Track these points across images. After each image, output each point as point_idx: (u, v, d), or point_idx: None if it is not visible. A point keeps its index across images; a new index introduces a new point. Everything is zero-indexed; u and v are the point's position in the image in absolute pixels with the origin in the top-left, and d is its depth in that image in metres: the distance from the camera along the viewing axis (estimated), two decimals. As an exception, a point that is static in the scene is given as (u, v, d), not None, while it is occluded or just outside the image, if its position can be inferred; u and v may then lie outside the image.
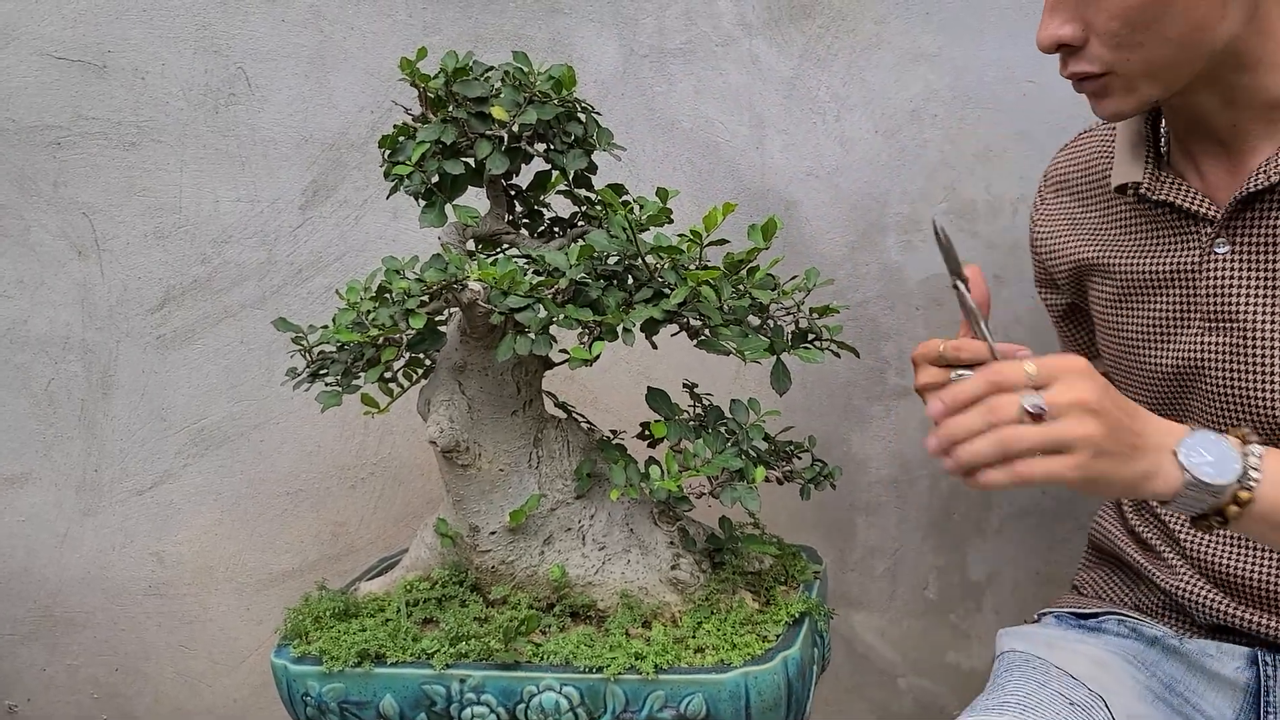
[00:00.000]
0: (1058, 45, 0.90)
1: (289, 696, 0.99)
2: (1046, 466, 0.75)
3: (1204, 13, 0.86)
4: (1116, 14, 0.86)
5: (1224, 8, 0.86)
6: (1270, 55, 0.90)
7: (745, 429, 0.99)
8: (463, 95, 0.96)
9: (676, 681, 0.89)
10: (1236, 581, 1.00)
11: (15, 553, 1.48)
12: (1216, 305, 0.96)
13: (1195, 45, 0.87)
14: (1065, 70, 0.92)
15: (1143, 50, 0.87)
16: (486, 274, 0.89)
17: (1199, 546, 1.03)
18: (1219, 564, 1.01)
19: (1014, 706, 0.91)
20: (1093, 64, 0.89)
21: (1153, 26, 0.86)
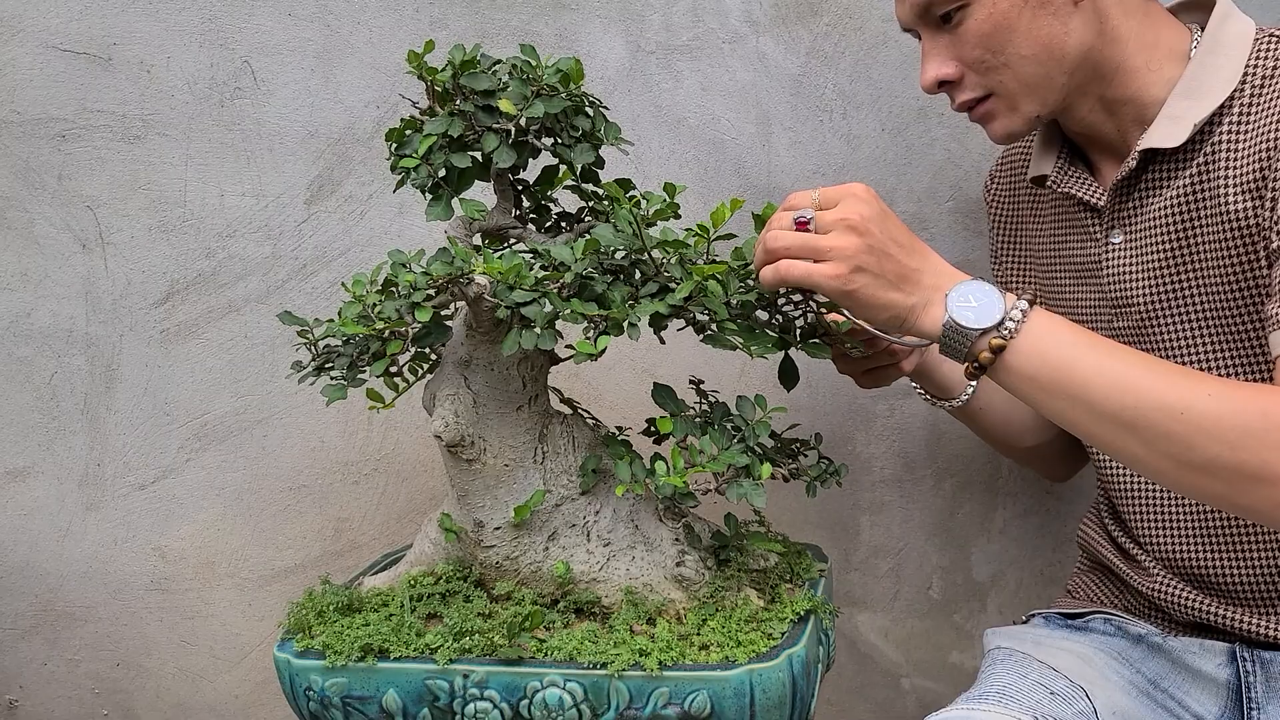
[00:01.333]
0: (939, 84, 1.01)
1: (292, 691, 0.99)
2: (806, 269, 0.86)
3: (1049, 29, 0.96)
4: (976, 42, 0.97)
5: (1066, 24, 0.96)
6: (1127, 60, 0.98)
7: (751, 425, 0.98)
8: (470, 88, 0.96)
9: (681, 678, 0.89)
10: (1209, 580, 1.03)
11: (17, 547, 1.47)
12: (1117, 291, 1.03)
13: (1053, 59, 0.97)
14: (954, 104, 1.02)
15: (1009, 70, 0.97)
16: (492, 268, 0.89)
17: (1171, 549, 1.05)
18: (1191, 564, 1.04)
19: (995, 695, 0.93)
20: (973, 90, 1.00)
21: (1009, 48, 0.96)
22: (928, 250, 0.89)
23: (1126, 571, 1.09)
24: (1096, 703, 0.97)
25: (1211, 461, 0.79)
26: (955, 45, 0.99)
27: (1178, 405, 0.80)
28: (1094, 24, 0.97)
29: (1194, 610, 1.02)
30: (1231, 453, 0.79)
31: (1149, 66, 0.99)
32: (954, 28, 0.98)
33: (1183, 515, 1.04)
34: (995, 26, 0.96)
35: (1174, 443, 0.80)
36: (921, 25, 1.01)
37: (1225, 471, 0.80)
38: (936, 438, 1.43)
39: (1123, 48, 0.98)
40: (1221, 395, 0.80)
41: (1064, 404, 0.84)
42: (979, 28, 0.97)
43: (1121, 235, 1.03)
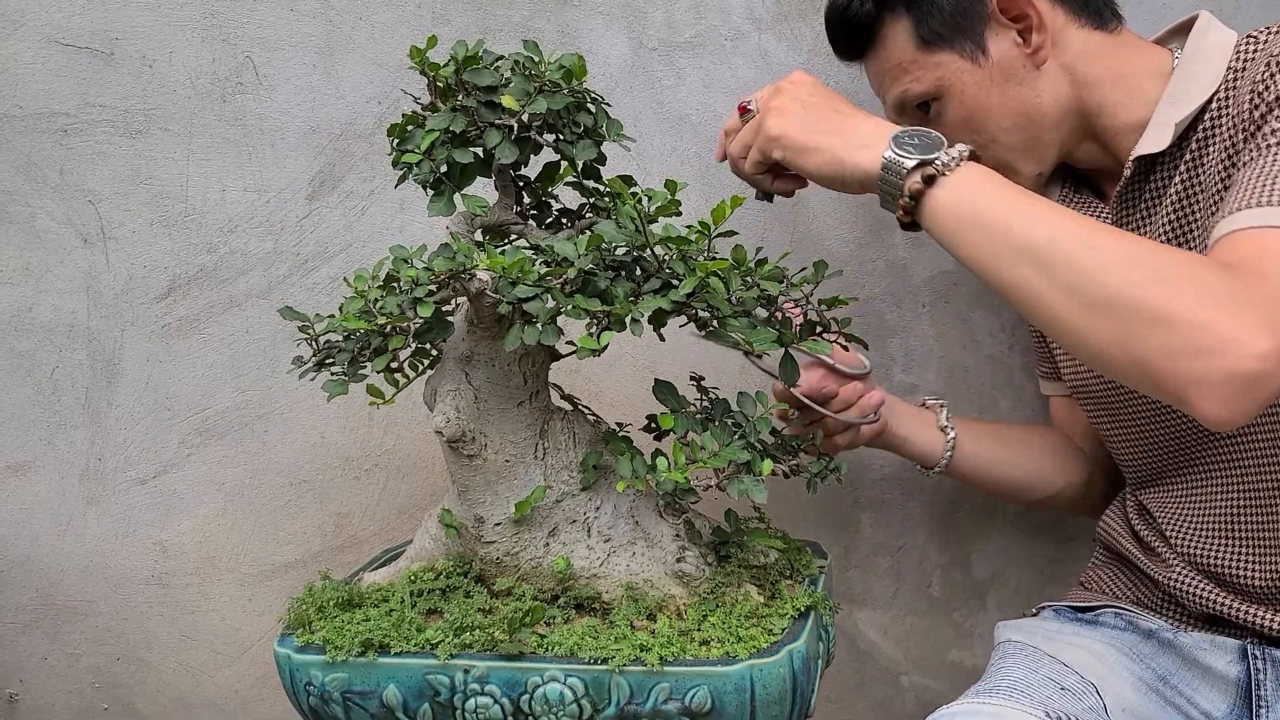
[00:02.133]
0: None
1: (292, 686, 0.99)
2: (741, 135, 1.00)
3: (1020, 99, 1.01)
4: (958, 128, 1.02)
5: (1035, 87, 1.01)
6: (1107, 97, 1.02)
7: (753, 421, 0.99)
8: (472, 84, 0.96)
9: (681, 673, 0.89)
10: (1230, 578, 1.03)
11: (18, 541, 1.48)
12: None
13: (1034, 123, 1.02)
14: None
15: (997, 144, 1.02)
16: (495, 263, 0.89)
17: (1197, 547, 1.06)
18: (1215, 562, 1.04)
19: (1005, 690, 0.93)
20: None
21: (989, 126, 1.02)
22: (871, 115, 0.94)
23: (1144, 562, 1.10)
24: (1106, 699, 0.98)
25: (1114, 297, 0.78)
26: (942, 130, 1.01)
27: (1092, 240, 0.79)
28: (1063, 78, 1.02)
29: (1209, 602, 1.03)
30: (1137, 289, 0.77)
31: (1130, 95, 1.02)
32: (936, 118, 1.03)
33: (1218, 518, 1.04)
34: (970, 111, 1.01)
35: (1082, 274, 0.79)
36: (906, 119, 1.06)
37: (1126, 310, 0.78)
38: (937, 435, 1.43)
39: (1099, 89, 1.02)
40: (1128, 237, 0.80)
41: (980, 238, 0.84)
42: (956, 115, 1.02)
43: None
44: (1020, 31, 1.01)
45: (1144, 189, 1.03)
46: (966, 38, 1.01)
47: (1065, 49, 1.02)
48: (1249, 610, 1.01)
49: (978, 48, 1.01)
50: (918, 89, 1.04)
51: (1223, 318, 0.75)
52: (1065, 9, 1.03)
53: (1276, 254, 0.79)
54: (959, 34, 1.01)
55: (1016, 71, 1.01)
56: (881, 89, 1.09)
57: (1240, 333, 0.75)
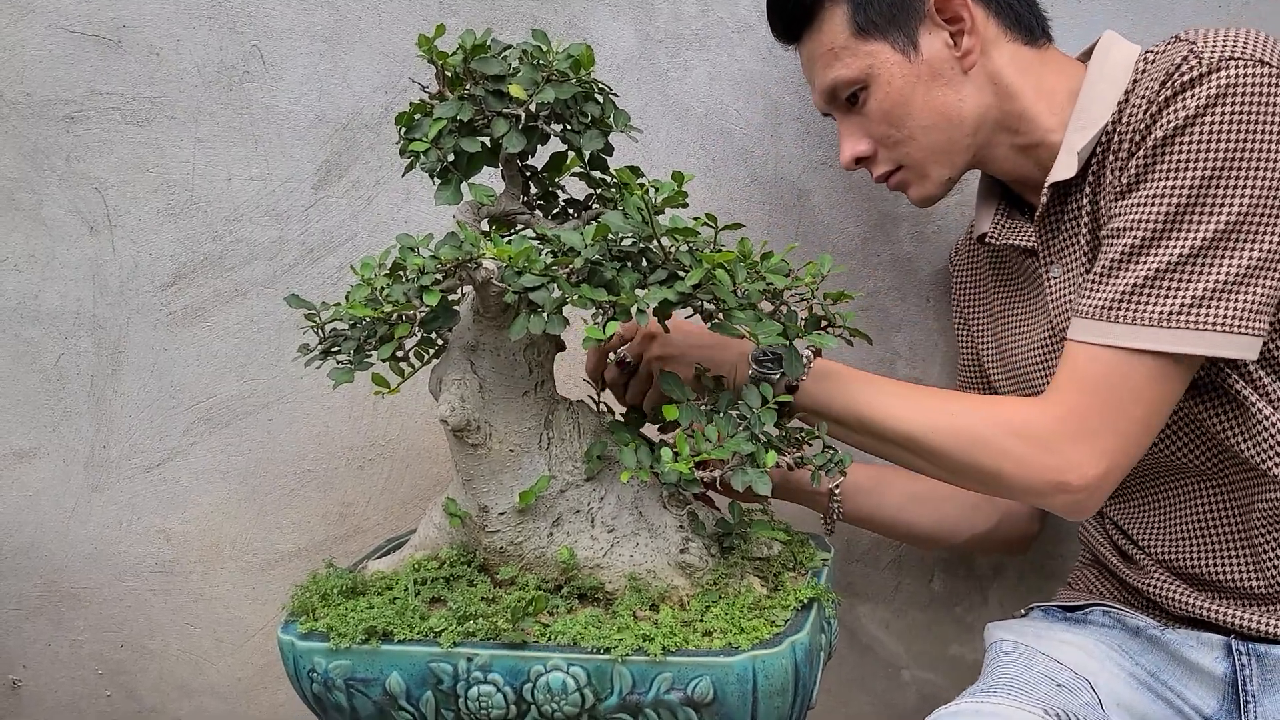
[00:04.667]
0: (856, 160, 1.11)
1: (295, 672, 0.99)
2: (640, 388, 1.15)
3: (943, 100, 1.04)
4: (879, 119, 1.06)
5: (960, 91, 1.04)
6: (1028, 109, 1.05)
7: (757, 413, 0.99)
8: (480, 73, 0.96)
9: (684, 664, 0.89)
10: (1207, 579, 1.04)
11: (22, 527, 1.48)
12: (1063, 322, 1.07)
13: (953, 125, 1.05)
14: (874, 178, 1.12)
15: (914, 141, 1.06)
16: (502, 252, 0.89)
17: (1170, 551, 1.07)
18: (1190, 565, 1.05)
19: (1004, 688, 0.94)
20: (885, 164, 1.10)
21: (910, 121, 1.05)
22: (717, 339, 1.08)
23: (1122, 570, 1.10)
24: (1101, 694, 0.98)
25: (961, 466, 0.96)
26: (864, 124, 1.08)
27: (929, 425, 0.97)
28: (987, 87, 1.04)
29: (1190, 606, 1.03)
30: (970, 458, 0.95)
31: (1050, 111, 1.04)
32: (860, 108, 1.07)
33: (1183, 520, 1.05)
34: (894, 103, 1.04)
35: (934, 455, 0.97)
36: (833, 109, 1.11)
37: (972, 474, 0.96)
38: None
39: (1021, 100, 1.05)
40: (959, 411, 0.96)
41: (852, 432, 1.02)
42: (879, 106, 1.05)
43: (1060, 269, 1.07)
44: (952, 34, 1.04)
45: (1062, 214, 1.06)
46: (900, 30, 1.04)
47: (993, 58, 1.05)
48: (1230, 611, 1.02)
49: (910, 43, 1.04)
50: (847, 75, 1.06)
51: (1050, 465, 0.92)
52: (998, 21, 1.06)
53: (1099, 378, 0.92)
54: (893, 26, 1.04)
55: (944, 72, 1.03)
56: (813, 74, 1.12)
57: (1064, 474, 0.91)
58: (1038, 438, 0.92)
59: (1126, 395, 0.91)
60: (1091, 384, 0.92)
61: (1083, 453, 0.91)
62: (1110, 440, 0.91)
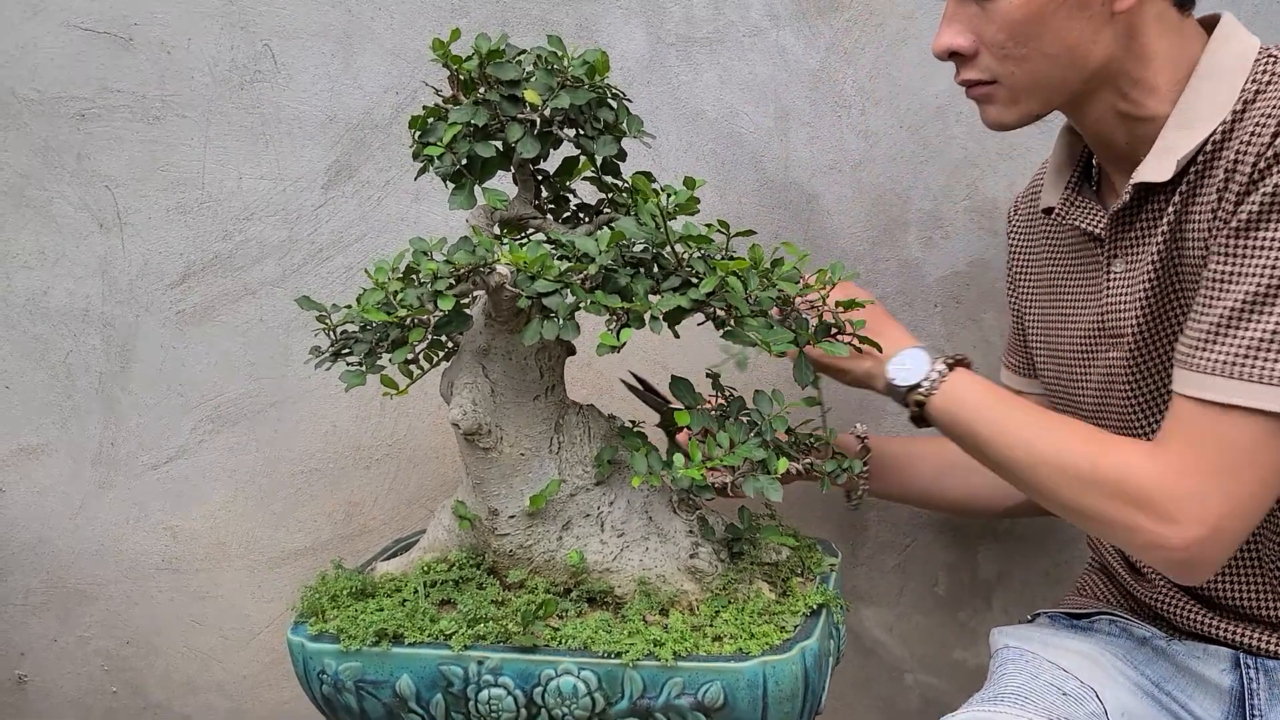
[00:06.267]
0: (950, 54, 0.99)
1: (305, 674, 1.00)
2: None
3: (1079, 34, 0.93)
4: (1003, 27, 0.94)
5: (1097, 31, 0.93)
6: (1149, 79, 0.96)
7: (768, 420, 0.99)
8: (495, 78, 0.96)
9: (695, 669, 0.90)
10: (1214, 597, 1.03)
11: (30, 524, 1.48)
12: (1112, 321, 1.03)
13: (1073, 63, 0.95)
14: (958, 77, 1.00)
15: (1026, 64, 0.95)
16: (517, 258, 0.89)
17: None
18: None
19: (1010, 697, 0.94)
20: (982, 73, 0.97)
21: (1033, 42, 0.94)
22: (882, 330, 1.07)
23: (1129, 581, 1.10)
24: (1106, 703, 0.98)
25: (1067, 504, 0.94)
26: (980, 20, 0.95)
27: (1043, 457, 0.94)
28: (1124, 39, 0.95)
29: (1196, 622, 1.03)
30: (1081, 501, 0.92)
31: (1168, 86, 0.97)
32: (985, 2, 0.95)
33: None
34: (1027, 16, 0.93)
35: (1045, 487, 0.95)
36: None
37: (1081, 516, 0.94)
38: (946, 435, 1.43)
39: (1148, 66, 0.96)
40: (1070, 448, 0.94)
41: (971, 450, 1.01)
42: (1010, 13, 0.93)
43: (1123, 265, 1.02)
44: None
45: (1139, 215, 1.00)
46: None
47: (1144, 11, 0.94)
48: (1238, 629, 1.01)
49: None
50: None
51: (1150, 521, 0.88)
52: None
53: (1210, 437, 0.87)
54: None
55: (1092, 5, 0.93)
56: None
57: (1167, 532, 0.87)
58: (1139, 491, 0.88)
59: (1240, 457, 0.85)
60: (1200, 441, 0.87)
61: (1186, 513, 0.86)
62: (1218, 503, 0.86)
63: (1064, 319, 1.12)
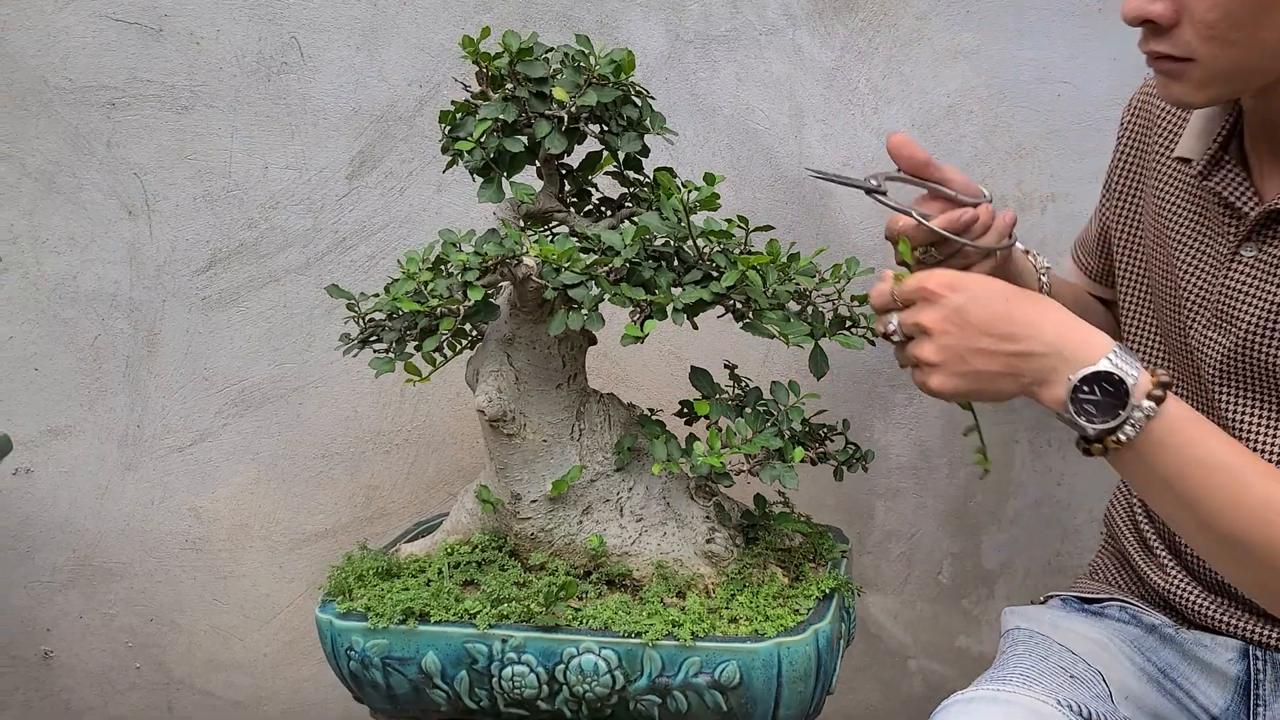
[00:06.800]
0: (1144, 20, 0.85)
1: (332, 650, 1.03)
2: (918, 378, 0.87)
3: None
4: (1217, 5, 0.81)
5: None
6: None
7: (785, 410, 1.02)
8: (524, 75, 0.99)
9: (712, 649, 0.93)
10: (1222, 584, 1.03)
11: (57, 503, 1.51)
12: (1225, 303, 0.95)
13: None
14: (1146, 46, 0.87)
15: (1233, 49, 0.82)
16: (546, 250, 0.93)
17: (1192, 551, 1.05)
18: (1209, 569, 1.04)
19: (1018, 677, 0.95)
20: (1178, 48, 0.84)
21: (1249, 26, 0.81)
22: (1035, 319, 0.83)
23: (1143, 564, 1.11)
24: (1111, 686, 1.00)
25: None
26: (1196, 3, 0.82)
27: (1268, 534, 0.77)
28: None
29: (1206, 615, 1.04)
30: None
31: None
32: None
33: None
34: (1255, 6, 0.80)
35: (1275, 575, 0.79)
36: None
37: None
38: (952, 427, 1.47)
39: None
40: None
41: (1170, 506, 0.82)
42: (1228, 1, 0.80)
43: (1255, 250, 0.93)
44: None
45: None
46: None
47: None
48: (1246, 622, 1.01)
49: None
50: None
51: None
52: None
53: None
54: None
55: None
56: None
57: None
58: None
59: None
60: None
61: None
62: None
63: (1167, 276, 1.04)
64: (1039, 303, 0.85)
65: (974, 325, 0.84)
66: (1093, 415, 0.80)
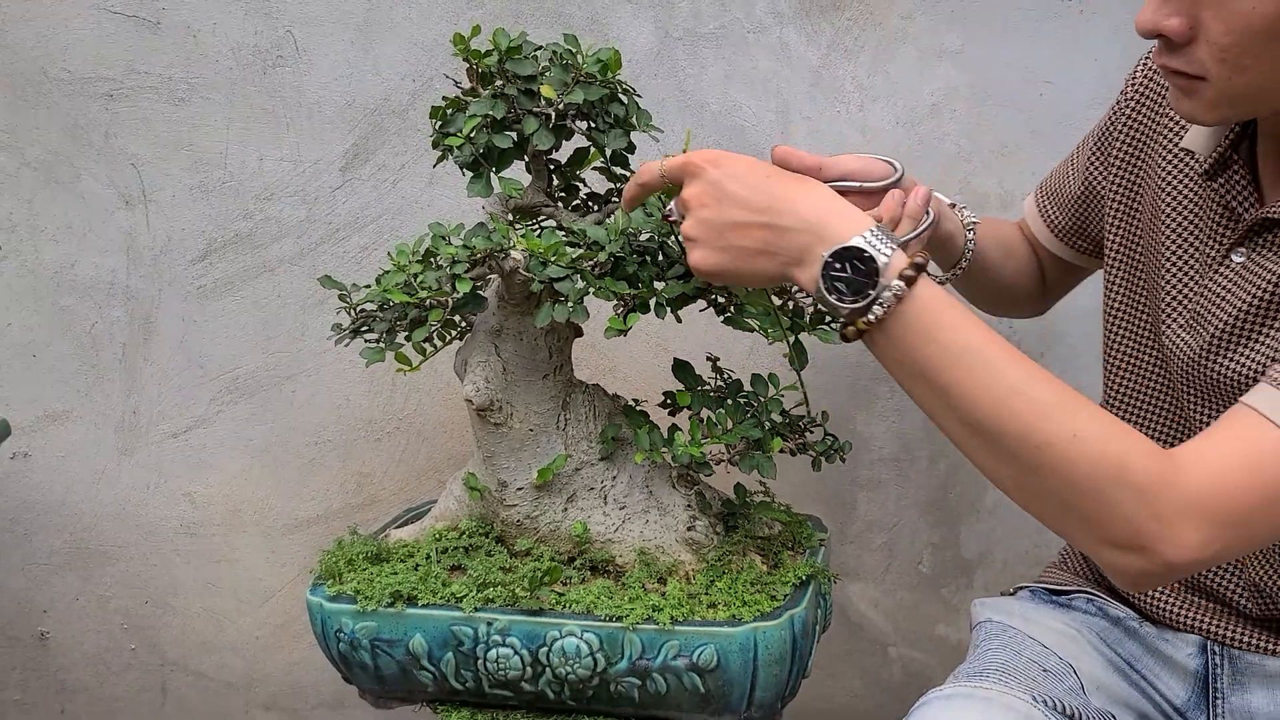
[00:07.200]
0: (1157, 34, 0.82)
1: (322, 632, 1.05)
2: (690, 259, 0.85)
3: None
4: (1235, 27, 0.77)
5: None
6: None
7: (764, 402, 1.05)
8: (513, 73, 1.01)
9: (691, 633, 0.96)
10: (1185, 582, 1.05)
11: (54, 487, 1.54)
12: (1201, 299, 0.95)
13: None
14: (1159, 60, 0.84)
15: (1246, 74, 0.79)
16: (532, 245, 0.95)
17: None
18: None
19: (995, 673, 0.96)
20: (1191, 66, 0.81)
21: (1263, 54, 0.78)
22: (792, 195, 0.81)
23: None
24: (1082, 678, 1.01)
25: (1050, 494, 0.77)
26: (1209, 8, 0.78)
27: (1039, 438, 0.75)
28: None
29: (1164, 609, 1.06)
30: (1073, 496, 0.76)
31: None
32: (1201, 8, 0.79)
33: None
34: (1270, 28, 0.76)
35: (1023, 469, 0.77)
36: None
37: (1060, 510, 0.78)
38: (934, 420, 1.49)
39: None
40: (1087, 439, 0.75)
41: (924, 395, 0.80)
42: (1250, 19, 0.76)
43: (1244, 256, 0.92)
44: None
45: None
46: None
47: None
48: (1205, 620, 1.03)
49: None
50: None
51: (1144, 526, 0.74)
52: None
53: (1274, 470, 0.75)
54: None
55: None
56: None
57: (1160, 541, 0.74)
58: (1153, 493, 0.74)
59: None
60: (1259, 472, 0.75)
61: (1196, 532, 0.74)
62: (1234, 534, 0.75)
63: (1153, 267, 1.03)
64: (801, 181, 0.84)
65: (731, 199, 0.82)
66: (843, 294, 0.78)
